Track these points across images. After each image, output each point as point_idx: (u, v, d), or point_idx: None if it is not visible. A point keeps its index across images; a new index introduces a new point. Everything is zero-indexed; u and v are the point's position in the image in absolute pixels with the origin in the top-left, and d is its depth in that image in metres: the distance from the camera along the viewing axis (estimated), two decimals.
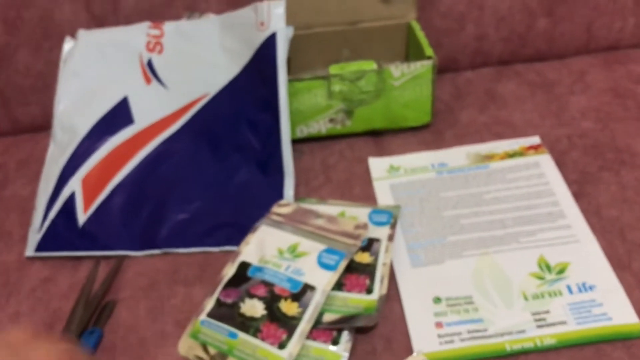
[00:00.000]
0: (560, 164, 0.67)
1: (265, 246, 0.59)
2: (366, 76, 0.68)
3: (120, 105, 0.71)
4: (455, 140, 0.72)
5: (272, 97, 0.67)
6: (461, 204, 0.63)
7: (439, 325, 0.53)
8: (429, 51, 0.70)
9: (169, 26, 0.73)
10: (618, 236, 0.59)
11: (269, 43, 0.68)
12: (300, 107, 0.70)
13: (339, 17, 0.77)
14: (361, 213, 0.63)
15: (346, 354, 0.52)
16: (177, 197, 0.67)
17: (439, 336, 0.53)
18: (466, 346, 0.52)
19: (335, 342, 0.52)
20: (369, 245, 0.59)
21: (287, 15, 0.68)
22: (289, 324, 0.52)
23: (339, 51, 0.79)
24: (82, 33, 0.74)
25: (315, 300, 0.53)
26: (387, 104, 0.71)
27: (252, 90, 0.69)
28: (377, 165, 0.70)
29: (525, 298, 0.54)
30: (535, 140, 0.70)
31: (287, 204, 0.64)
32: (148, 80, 0.73)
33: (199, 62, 0.72)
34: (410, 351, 0.52)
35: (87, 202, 0.66)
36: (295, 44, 0.72)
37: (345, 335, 0.52)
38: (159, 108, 0.71)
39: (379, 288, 0.55)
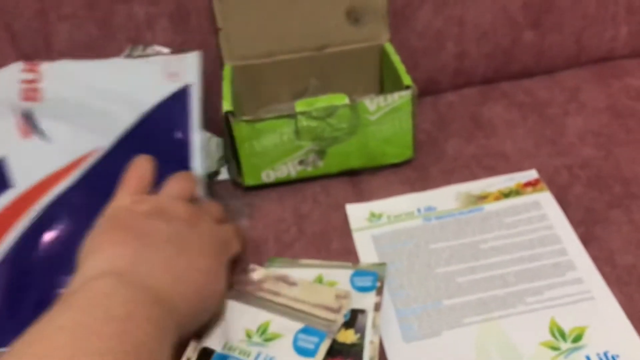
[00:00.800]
0: (563, 201, 0.59)
1: (230, 327, 0.50)
2: (338, 112, 0.60)
3: None
4: (442, 177, 0.64)
5: (182, 150, 0.59)
6: (455, 257, 0.55)
7: None
8: (406, 79, 0.61)
9: (45, 67, 0.63)
10: (637, 288, 0.51)
11: (181, 95, 0.61)
12: (265, 149, 0.61)
13: (304, 42, 0.69)
14: (341, 276, 0.54)
15: None
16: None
17: None
18: None
19: None
20: (353, 318, 0.50)
21: (246, 42, 0.68)
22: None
23: (306, 79, 0.71)
24: None
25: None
26: (363, 140, 0.62)
27: (156, 142, 0.59)
28: (356, 213, 0.61)
29: None
30: (532, 174, 0.62)
31: (254, 269, 0.54)
32: (27, 134, 0.60)
33: (86, 110, 0.61)
34: None
35: None
36: (257, 74, 0.68)
37: None
38: (42, 166, 0.58)
39: None
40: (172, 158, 0.59)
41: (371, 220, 0.60)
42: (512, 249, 0.55)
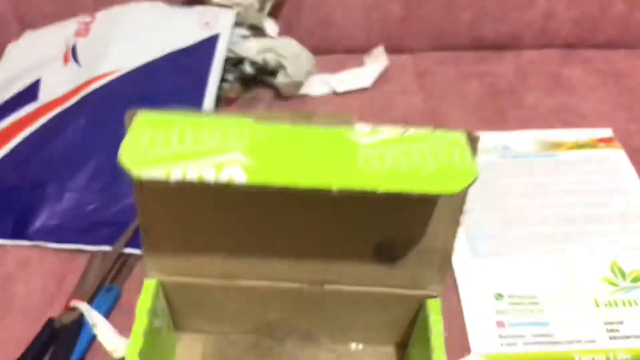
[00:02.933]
0: (635, 161, 0.61)
1: None
2: None
3: (31, 86, 0.66)
4: (518, 123, 0.66)
5: (196, 91, 0.63)
6: (526, 193, 0.58)
7: (500, 324, 0.48)
8: None
9: (101, 12, 0.71)
10: None
11: (210, 42, 0.65)
12: None
13: (293, 271, 0.41)
14: None
15: None
16: (59, 183, 0.58)
17: (500, 337, 0.47)
18: (530, 351, 0.47)
19: None
20: None
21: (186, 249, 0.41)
22: None
23: (283, 322, 0.45)
24: (28, 33, 0.72)
25: None
26: None
27: (172, 78, 0.63)
28: None
29: (597, 305, 0.49)
30: (608, 132, 0.64)
31: None
32: (66, 61, 0.68)
33: (119, 40, 0.67)
34: (466, 349, 0.47)
35: None
36: (201, 296, 0.44)
37: None
38: (66, 84, 0.65)
39: None
40: (187, 91, 0.63)
41: None
42: (582, 195, 0.58)
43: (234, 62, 0.68)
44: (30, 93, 0.65)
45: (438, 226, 0.37)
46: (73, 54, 0.67)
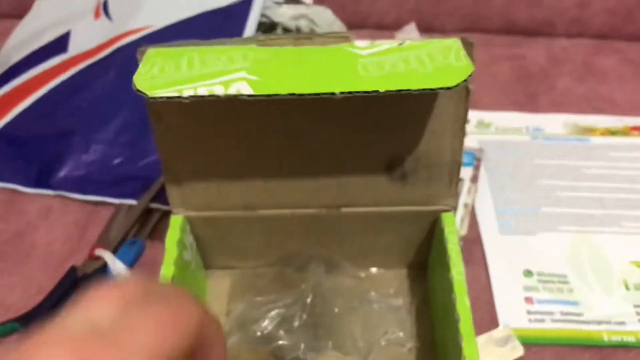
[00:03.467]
0: None
1: None
2: None
3: (60, 38, 0.65)
4: (550, 107, 0.65)
5: None
6: (558, 174, 0.57)
7: (529, 300, 0.48)
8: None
9: None
10: None
11: (244, 5, 0.64)
12: None
13: (310, 197, 0.42)
14: None
15: None
16: (86, 135, 0.57)
17: (529, 312, 0.47)
18: (558, 328, 0.46)
19: None
20: None
21: (211, 186, 0.42)
22: None
23: (304, 247, 0.46)
24: None
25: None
26: None
27: (204, 38, 0.62)
28: None
29: (627, 287, 0.48)
30: None
31: None
32: (97, 16, 0.67)
33: (154, 3, 0.65)
34: (494, 323, 0.46)
35: None
36: (226, 228, 0.44)
37: None
38: (96, 37, 0.64)
39: (459, 228, 0.50)
40: None
41: (479, 128, 0.62)
42: (614, 179, 0.57)
43: (265, 28, 0.67)
44: (59, 45, 0.64)
45: (443, 137, 0.38)
46: (104, 9, 0.66)
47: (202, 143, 0.39)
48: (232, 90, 0.30)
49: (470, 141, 0.60)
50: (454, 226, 0.41)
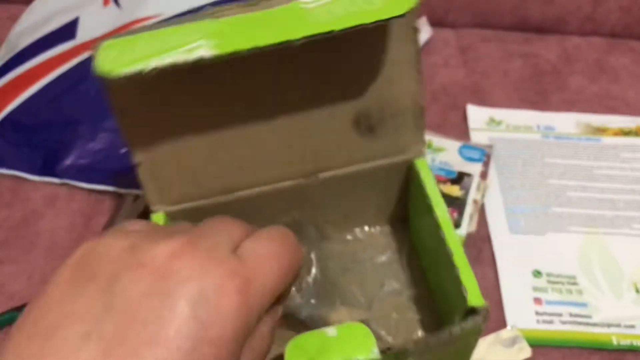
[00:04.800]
0: None
1: None
2: None
3: (68, 24, 0.64)
4: (562, 106, 0.65)
5: None
6: (569, 174, 0.56)
7: (537, 301, 0.47)
8: (473, 294, 0.35)
9: None
10: None
11: None
12: None
13: (285, 169, 0.41)
14: (451, 145, 0.56)
15: None
16: (93, 123, 0.56)
17: (537, 313, 0.46)
18: (567, 330, 0.45)
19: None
20: (459, 178, 0.54)
21: (187, 177, 0.40)
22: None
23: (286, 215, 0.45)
24: None
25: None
26: None
27: None
28: (476, 115, 0.62)
29: (637, 290, 0.48)
30: None
31: None
32: (106, 3, 0.66)
33: None
34: (502, 323, 0.46)
35: None
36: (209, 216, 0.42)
37: None
38: (105, 25, 0.63)
39: (467, 225, 0.50)
40: None
41: (490, 125, 0.61)
42: (626, 180, 0.56)
43: None
44: (67, 31, 0.63)
45: (401, 83, 0.39)
46: None
47: (170, 131, 0.38)
48: (195, 55, 0.31)
49: (481, 138, 0.60)
50: (428, 170, 0.42)
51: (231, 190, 0.41)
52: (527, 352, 0.43)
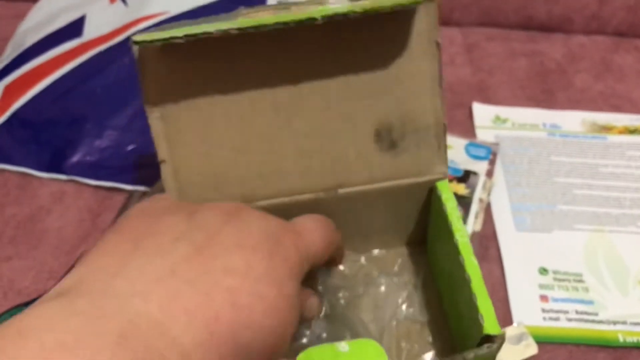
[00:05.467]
0: None
1: None
2: None
3: (75, 22, 0.64)
4: (567, 104, 0.65)
5: None
6: (575, 172, 0.56)
7: (544, 298, 0.47)
8: (489, 318, 0.34)
9: None
10: None
11: None
12: None
13: (304, 181, 0.41)
14: (457, 143, 0.57)
15: None
16: (100, 120, 0.56)
17: (543, 310, 0.46)
18: (573, 327, 0.45)
19: None
20: (466, 176, 0.53)
21: (207, 180, 0.40)
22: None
23: None
24: None
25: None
26: None
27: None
28: (482, 113, 0.62)
29: None
30: None
31: None
32: (113, 0, 0.66)
33: None
34: (508, 321, 0.46)
35: (1, 110, 0.58)
36: None
37: None
38: (111, 22, 0.63)
39: (473, 223, 0.50)
40: None
41: (496, 123, 0.61)
42: (631, 179, 0.56)
43: None
44: (74, 28, 0.63)
45: (423, 98, 0.39)
46: None
47: (196, 132, 0.38)
48: (222, 27, 0.32)
49: (487, 136, 0.60)
50: (450, 193, 0.40)
51: (251, 199, 0.40)
52: (534, 349, 0.43)
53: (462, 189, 0.52)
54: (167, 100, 0.37)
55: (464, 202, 0.51)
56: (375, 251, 0.48)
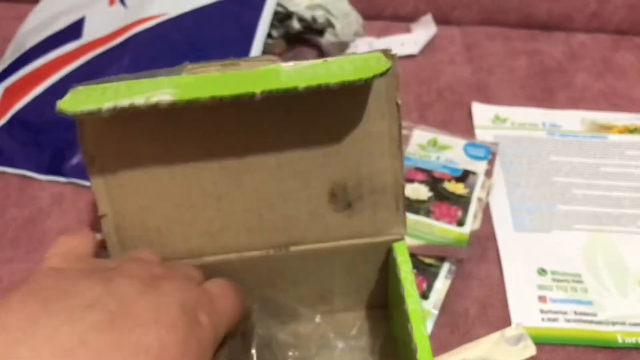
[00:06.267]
0: None
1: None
2: None
3: (74, 24, 0.65)
4: (567, 103, 0.65)
5: (243, 43, 0.60)
6: (574, 172, 0.56)
7: (542, 299, 0.47)
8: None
9: None
10: None
11: None
12: None
13: (255, 238, 0.39)
14: (456, 143, 0.57)
15: (436, 312, 0.45)
16: None
17: (542, 311, 0.46)
18: (572, 328, 0.45)
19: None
20: (464, 176, 0.54)
21: (149, 235, 0.38)
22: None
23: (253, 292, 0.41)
24: None
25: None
26: None
27: (219, 26, 0.61)
28: (481, 113, 0.62)
29: None
30: None
31: None
32: (112, 2, 0.66)
33: None
34: (507, 321, 0.46)
35: (1, 112, 0.58)
36: None
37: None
38: (111, 24, 0.63)
39: (472, 223, 0.50)
40: (233, 42, 0.61)
41: (495, 122, 0.61)
42: (631, 178, 0.56)
43: (280, 18, 0.66)
44: (74, 31, 0.63)
45: (382, 159, 0.37)
46: None
47: (137, 185, 0.37)
48: (153, 100, 0.30)
49: (486, 135, 0.60)
50: (406, 255, 0.39)
51: (197, 254, 0.39)
52: (532, 350, 0.43)
53: (460, 188, 0.52)
54: (106, 155, 0.36)
55: (463, 202, 0.51)
56: (333, 312, 0.45)
